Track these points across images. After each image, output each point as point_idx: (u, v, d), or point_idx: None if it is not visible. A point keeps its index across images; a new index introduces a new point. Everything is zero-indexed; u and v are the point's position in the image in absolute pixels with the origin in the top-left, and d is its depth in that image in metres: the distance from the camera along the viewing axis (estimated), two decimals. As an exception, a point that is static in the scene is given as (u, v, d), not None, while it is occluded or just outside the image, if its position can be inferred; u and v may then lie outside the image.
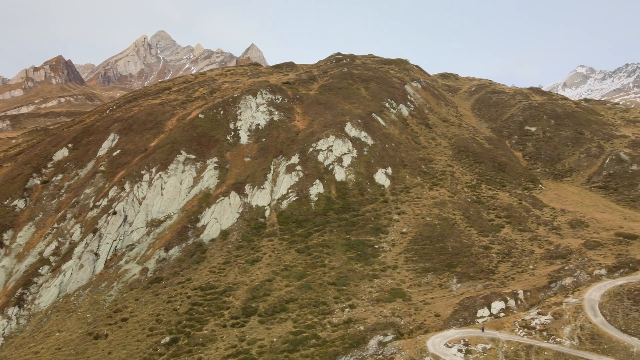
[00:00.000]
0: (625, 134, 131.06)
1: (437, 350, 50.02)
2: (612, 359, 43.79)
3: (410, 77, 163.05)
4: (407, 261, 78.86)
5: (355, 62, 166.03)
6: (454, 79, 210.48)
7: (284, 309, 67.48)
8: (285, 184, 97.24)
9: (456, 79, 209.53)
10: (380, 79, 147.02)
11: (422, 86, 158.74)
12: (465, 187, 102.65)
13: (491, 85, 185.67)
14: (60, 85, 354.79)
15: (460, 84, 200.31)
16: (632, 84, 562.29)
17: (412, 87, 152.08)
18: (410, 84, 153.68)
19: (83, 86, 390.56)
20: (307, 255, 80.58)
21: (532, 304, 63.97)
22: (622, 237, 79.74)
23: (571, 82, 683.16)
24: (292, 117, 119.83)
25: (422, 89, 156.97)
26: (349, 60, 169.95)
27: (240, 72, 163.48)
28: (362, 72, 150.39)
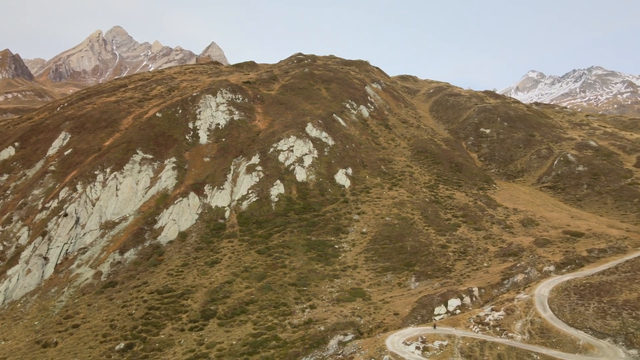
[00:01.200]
0: (572, 137, 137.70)
1: (396, 349, 50.77)
2: (560, 352, 45.78)
3: (371, 78, 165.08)
4: (367, 261, 79.71)
5: (316, 63, 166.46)
6: (413, 81, 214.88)
7: (244, 310, 66.70)
8: (246, 184, 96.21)
9: (415, 81, 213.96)
10: (341, 79, 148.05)
11: (382, 88, 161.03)
12: (423, 187, 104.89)
13: (448, 88, 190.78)
14: (7, 80, 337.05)
15: (419, 86, 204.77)
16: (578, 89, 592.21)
17: (372, 88, 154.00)
18: (371, 85, 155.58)
19: (32, 82, 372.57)
20: (268, 256, 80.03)
21: (486, 300, 66.05)
22: (569, 234, 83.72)
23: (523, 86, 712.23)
24: (252, 117, 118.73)
25: (382, 90, 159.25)
26: (310, 60, 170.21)
27: (200, 71, 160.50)
28: (323, 73, 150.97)
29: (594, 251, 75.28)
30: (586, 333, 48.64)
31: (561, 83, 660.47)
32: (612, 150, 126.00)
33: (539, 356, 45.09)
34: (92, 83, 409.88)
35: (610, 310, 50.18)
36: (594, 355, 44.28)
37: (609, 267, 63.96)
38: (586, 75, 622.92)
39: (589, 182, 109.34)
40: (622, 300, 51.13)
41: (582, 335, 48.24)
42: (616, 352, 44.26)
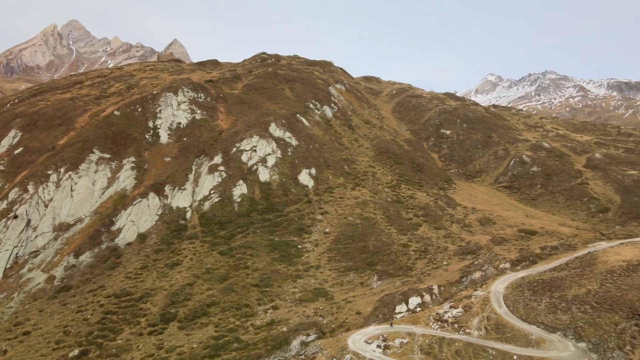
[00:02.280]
0: (527, 138, 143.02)
1: (358, 348, 51.23)
2: (514, 347, 47.45)
3: (335, 79, 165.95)
4: (330, 261, 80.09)
5: (280, 63, 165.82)
6: (377, 82, 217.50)
7: (206, 313, 65.68)
8: (208, 184, 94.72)
9: (378, 82, 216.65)
10: (305, 80, 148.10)
11: (345, 88, 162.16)
12: (386, 187, 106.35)
13: (411, 90, 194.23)
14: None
15: (383, 87, 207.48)
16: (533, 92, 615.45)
17: (336, 88, 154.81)
18: (335, 86, 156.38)
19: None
20: (230, 257, 79.14)
21: (445, 298, 67.70)
22: (524, 232, 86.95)
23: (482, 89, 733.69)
24: (215, 116, 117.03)
25: (346, 91, 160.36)
26: (274, 60, 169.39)
27: (161, 68, 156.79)
28: (287, 73, 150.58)
29: (546, 248, 78.47)
30: (538, 327, 50.62)
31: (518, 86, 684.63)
32: (563, 151, 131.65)
33: (494, 351, 46.56)
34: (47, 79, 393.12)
35: (560, 305, 52.42)
36: (545, 349, 46.13)
37: (560, 263, 66.82)
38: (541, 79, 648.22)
39: (542, 182, 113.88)
40: (571, 295, 53.48)
41: (535, 329, 50.17)
42: (566, 346, 46.27)
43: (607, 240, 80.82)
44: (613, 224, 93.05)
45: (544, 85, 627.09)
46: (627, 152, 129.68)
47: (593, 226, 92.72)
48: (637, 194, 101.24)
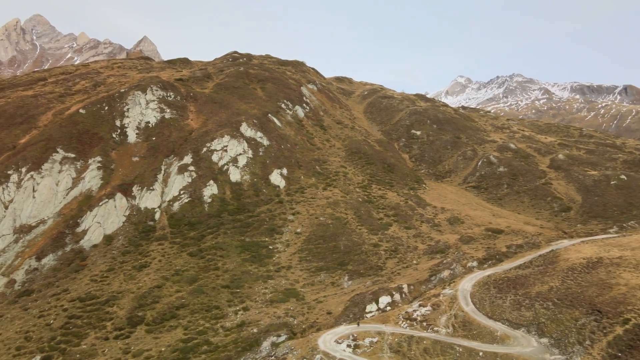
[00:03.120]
0: (494, 139, 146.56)
1: (328, 347, 51.42)
2: (480, 343, 48.56)
3: (307, 79, 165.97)
4: (301, 261, 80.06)
5: (252, 62, 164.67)
6: (349, 82, 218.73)
7: (174, 315, 64.62)
8: (177, 184, 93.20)
9: (350, 83, 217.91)
10: (277, 79, 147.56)
11: (318, 88, 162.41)
12: (357, 188, 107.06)
13: (382, 90, 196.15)
14: None
15: (354, 87, 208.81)
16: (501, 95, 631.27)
17: (308, 89, 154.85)
18: (307, 86, 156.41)
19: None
20: (200, 259, 78.11)
21: (415, 296, 68.68)
22: (491, 231, 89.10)
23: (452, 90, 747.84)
24: (185, 115, 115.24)
25: (318, 91, 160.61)
26: (245, 59, 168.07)
27: (129, 66, 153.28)
28: (259, 72, 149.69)
29: (512, 247, 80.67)
30: (503, 324, 51.97)
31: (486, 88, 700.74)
32: (529, 152, 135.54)
33: (461, 348, 47.53)
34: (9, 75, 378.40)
35: (524, 302, 53.96)
36: (509, 345, 47.39)
37: (525, 261, 68.80)
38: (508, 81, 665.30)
39: (508, 182, 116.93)
40: (535, 292, 55.13)
41: (500, 326, 51.48)
42: (529, 341, 47.65)
43: (569, 239, 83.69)
44: (575, 223, 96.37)
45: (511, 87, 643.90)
46: (588, 153, 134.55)
47: (556, 225, 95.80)
48: (597, 193, 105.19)
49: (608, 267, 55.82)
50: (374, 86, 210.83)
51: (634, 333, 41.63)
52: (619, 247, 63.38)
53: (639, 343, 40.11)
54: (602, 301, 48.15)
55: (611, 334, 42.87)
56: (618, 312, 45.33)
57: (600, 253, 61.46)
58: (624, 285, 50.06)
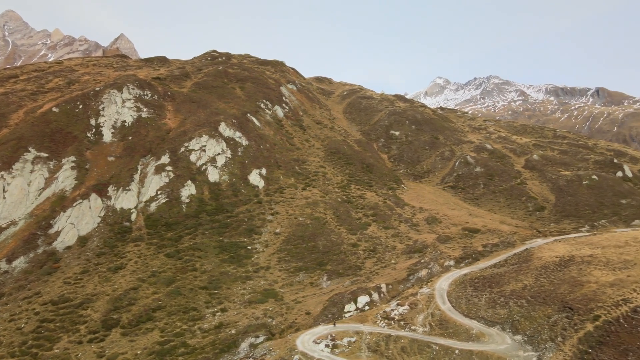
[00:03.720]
0: (471, 140, 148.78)
1: (306, 348, 51.39)
2: (456, 341, 49.25)
3: (286, 79, 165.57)
4: (280, 261, 79.86)
5: (231, 61, 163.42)
6: (328, 82, 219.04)
7: (151, 318, 63.69)
8: (154, 185, 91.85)
9: (330, 83, 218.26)
10: (256, 79, 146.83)
11: (297, 88, 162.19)
12: (336, 188, 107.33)
13: (361, 91, 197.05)
14: None
15: (334, 87, 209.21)
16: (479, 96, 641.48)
17: (287, 88, 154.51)
18: (286, 86, 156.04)
19: None
20: (178, 260, 77.18)
21: (393, 296, 69.22)
22: (468, 231, 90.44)
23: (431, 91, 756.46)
24: (162, 114, 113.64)
25: (297, 91, 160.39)
26: (224, 58, 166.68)
27: (105, 64, 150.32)
28: (238, 72, 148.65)
29: (488, 246, 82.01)
30: (479, 322, 52.82)
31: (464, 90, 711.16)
32: (505, 152, 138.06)
33: (437, 346, 48.11)
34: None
35: (499, 300, 54.95)
36: (484, 342, 48.19)
37: (500, 260, 70.04)
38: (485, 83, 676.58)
39: (485, 182, 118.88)
40: (509, 291, 56.20)
41: (476, 324, 52.30)
42: (504, 339, 48.55)
43: (542, 237, 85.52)
44: (548, 222, 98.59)
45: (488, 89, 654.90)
46: (562, 154, 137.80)
47: (530, 224, 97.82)
48: (570, 193, 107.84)
49: (579, 265, 57.27)
50: (353, 86, 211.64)
51: (603, 329, 42.80)
52: (590, 245, 65.08)
53: (608, 339, 41.27)
54: (573, 298, 49.38)
55: (582, 331, 44.00)
56: (589, 309, 46.56)
57: (572, 251, 63.00)
58: (594, 282, 51.43)
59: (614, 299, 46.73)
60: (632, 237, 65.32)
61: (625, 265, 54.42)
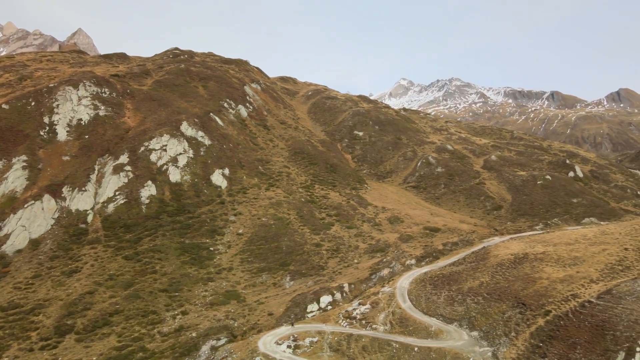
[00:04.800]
0: (433, 141, 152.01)
1: (268, 349, 51.12)
2: (415, 339, 50.18)
3: (250, 78, 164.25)
4: (243, 262, 79.18)
5: (194, 59, 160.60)
6: (293, 82, 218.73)
7: (107, 322, 61.80)
8: (112, 185, 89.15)
9: (295, 83, 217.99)
10: (220, 78, 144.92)
11: (261, 88, 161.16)
12: (300, 188, 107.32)
13: (326, 91, 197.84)
14: None
15: (299, 87, 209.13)
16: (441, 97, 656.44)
17: (251, 88, 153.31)
18: (250, 85, 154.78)
19: None
20: (136, 262, 75.21)
21: (355, 295, 69.85)
22: (429, 230, 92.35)
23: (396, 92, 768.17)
24: (121, 113, 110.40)
25: (261, 90, 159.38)
26: (187, 56, 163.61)
27: (60, 59, 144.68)
28: (201, 70, 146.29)
29: (448, 244, 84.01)
30: (438, 319, 54.01)
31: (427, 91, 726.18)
32: (465, 153, 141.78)
33: (397, 344, 48.85)
34: None
35: (457, 297, 56.38)
36: (442, 339, 49.33)
37: (458, 258, 71.86)
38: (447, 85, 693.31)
39: (445, 182, 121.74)
40: (467, 288, 57.75)
41: (434, 321, 53.46)
42: (461, 335, 49.84)
43: (499, 236, 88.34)
44: (505, 220, 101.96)
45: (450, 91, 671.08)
46: (518, 155, 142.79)
47: (488, 223, 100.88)
48: (525, 192, 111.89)
49: (532, 262, 59.49)
50: (318, 87, 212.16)
51: (554, 324, 44.62)
52: (543, 243, 67.70)
53: (558, 333, 43.05)
54: (526, 294, 51.25)
55: (534, 325, 45.73)
56: (540, 304, 48.43)
57: (526, 249, 65.37)
58: (546, 279, 53.54)
59: (563, 294, 48.80)
60: (581, 234, 68.39)
61: (575, 261, 56.92)
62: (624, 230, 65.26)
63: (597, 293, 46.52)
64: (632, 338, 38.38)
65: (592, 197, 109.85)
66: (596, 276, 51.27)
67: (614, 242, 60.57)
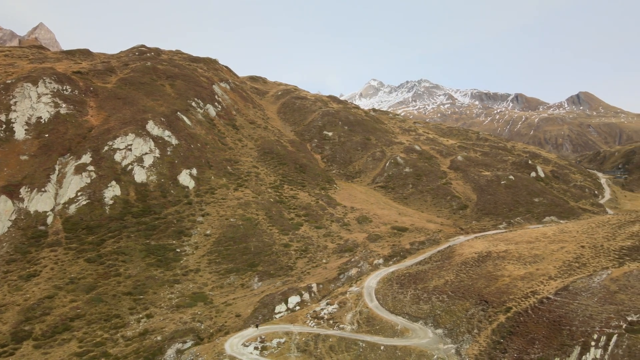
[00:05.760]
0: (401, 141, 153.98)
1: (235, 351, 50.70)
2: (382, 338, 50.74)
3: (219, 77, 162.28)
4: (211, 263, 78.18)
5: (160, 57, 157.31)
6: (263, 82, 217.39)
7: (68, 327, 59.89)
8: (74, 186, 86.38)
9: (265, 83, 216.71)
10: (188, 76, 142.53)
11: (230, 87, 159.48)
12: (269, 188, 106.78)
13: (296, 91, 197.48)
14: None
15: (269, 87, 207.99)
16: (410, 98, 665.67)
17: (220, 87, 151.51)
18: (219, 84, 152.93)
19: None
20: (99, 265, 73.15)
21: (324, 295, 70.03)
22: (397, 230, 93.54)
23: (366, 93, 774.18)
24: (84, 111, 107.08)
25: (230, 90, 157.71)
26: (154, 54, 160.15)
27: (19, 55, 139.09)
28: (168, 68, 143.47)
29: (415, 244, 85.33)
30: (404, 318, 54.79)
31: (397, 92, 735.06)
32: (432, 154, 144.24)
33: (364, 343, 49.29)
34: None
35: (423, 296, 57.31)
36: (408, 337, 50.06)
37: (425, 257, 73.11)
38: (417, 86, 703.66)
39: (413, 182, 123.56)
40: (432, 287, 58.78)
41: (401, 320, 54.20)
42: (426, 333, 50.71)
43: (465, 235, 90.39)
44: (470, 220, 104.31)
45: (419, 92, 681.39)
46: (483, 155, 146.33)
47: (454, 222, 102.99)
48: (490, 192, 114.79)
49: (495, 260, 61.11)
50: (288, 87, 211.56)
51: (514, 320, 45.95)
52: (505, 241, 69.65)
53: (518, 329, 44.36)
54: (489, 292, 52.59)
55: (495, 322, 46.97)
56: (502, 301, 49.80)
57: (490, 247, 67.10)
58: (507, 276, 55.09)
59: (524, 291, 50.32)
60: (541, 233, 70.71)
61: (535, 259, 58.80)
62: (581, 229, 67.84)
63: (555, 289, 48.17)
64: (587, 333, 39.92)
65: (552, 197, 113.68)
66: (554, 273, 53.09)
67: (571, 240, 62.88)
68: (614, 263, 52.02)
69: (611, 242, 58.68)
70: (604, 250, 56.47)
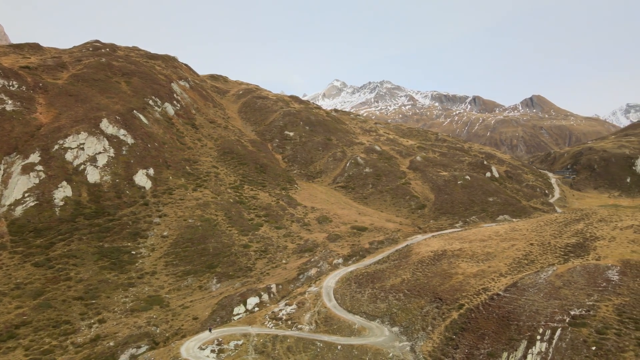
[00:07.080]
0: (362, 141, 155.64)
1: (191, 355, 49.76)
2: (339, 337, 51.11)
3: (178, 75, 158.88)
4: (167, 265, 76.47)
5: (116, 53, 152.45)
6: (224, 81, 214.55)
7: (13, 335, 57.07)
8: (21, 186, 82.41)
9: (226, 82, 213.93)
10: (145, 74, 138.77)
11: (190, 86, 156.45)
12: (228, 188, 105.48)
13: (257, 91, 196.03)
14: None
15: (230, 86, 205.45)
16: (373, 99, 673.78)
17: (179, 85, 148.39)
18: (178, 83, 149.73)
19: None
20: (48, 269, 70.15)
21: (283, 295, 69.84)
22: (356, 229, 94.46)
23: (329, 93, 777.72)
24: (32, 108, 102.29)
25: (190, 88, 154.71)
26: (109, 50, 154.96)
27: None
28: (124, 65, 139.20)
29: (374, 243, 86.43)
30: (361, 317, 55.39)
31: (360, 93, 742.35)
32: (392, 154, 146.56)
33: (321, 343, 49.49)
34: None
35: (380, 294, 58.13)
36: (365, 336, 50.65)
37: (383, 256, 74.18)
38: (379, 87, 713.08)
39: (373, 182, 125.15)
40: (389, 285, 59.72)
41: (358, 319, 54.76)
42: (382, 331, 51.45)
43: (422, 234, 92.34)
44: (428, 219, 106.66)
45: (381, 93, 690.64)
46: (441, 156, 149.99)
47: (413, 221, 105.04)
48: (447, 192, 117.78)
49: (450, 258, 62.75)
50: (249, 86, 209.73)
51: (466, 317, 47.33)
52: (460, 240, 71.64)
53: (469, 325, 45.71)
54: (443, 290, 53.94)
55: (448, 319, 48.23)
56: (455, 298, 51.18)
57: (445, 246, 68.83)
58: (461, 274, 56.68)
59: (476, 288, 51.91)
60: (494, 231, 73.17)
61: (487, 257, 60.78)
62: (531, 227, 70.67)
63: (504, 286, 49.96)
64: (534, 327, 41.62)
65: (506, 196, 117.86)
66: (505, 270, 55.06)
67: (521, 238, 65.39)
68: (559, 260, 54.48)
69: (557, 240, 61.42)
70: (551, 248, 59.05)
